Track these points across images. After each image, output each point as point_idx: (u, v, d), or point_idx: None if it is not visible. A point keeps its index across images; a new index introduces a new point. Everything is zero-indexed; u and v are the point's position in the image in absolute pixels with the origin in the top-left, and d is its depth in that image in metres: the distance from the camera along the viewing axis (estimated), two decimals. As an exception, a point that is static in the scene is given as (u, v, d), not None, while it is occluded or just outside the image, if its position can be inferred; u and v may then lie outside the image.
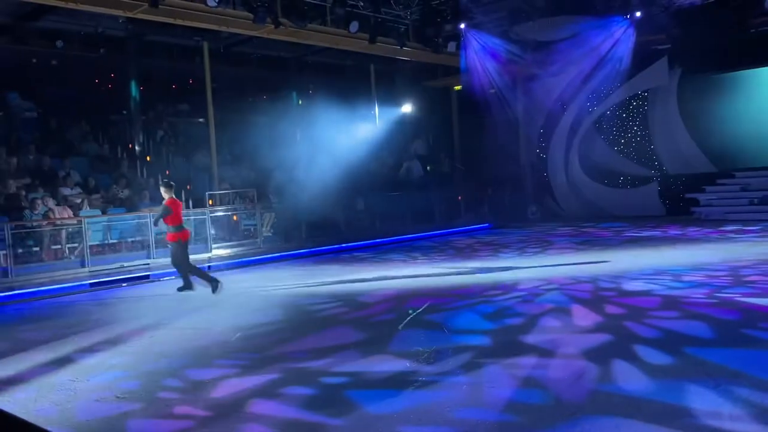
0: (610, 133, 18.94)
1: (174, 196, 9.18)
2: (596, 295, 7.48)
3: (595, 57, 17.63)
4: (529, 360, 5.00)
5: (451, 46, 17.15)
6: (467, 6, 16.05)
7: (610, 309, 6.67)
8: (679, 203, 17.31)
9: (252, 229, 14.44)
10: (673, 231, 14.16)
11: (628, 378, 4.43)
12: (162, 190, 9.20)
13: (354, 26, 14.90)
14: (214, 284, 8.90)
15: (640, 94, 18.41)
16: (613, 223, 16.52)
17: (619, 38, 16.93)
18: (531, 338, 5.67)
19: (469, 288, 8.52)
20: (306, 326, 6.90)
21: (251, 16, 13.26)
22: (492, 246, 13.55)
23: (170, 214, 8.93)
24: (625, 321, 6.09)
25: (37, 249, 11.34)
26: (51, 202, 12.18)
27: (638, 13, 16.06)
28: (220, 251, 13.26)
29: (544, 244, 13.27)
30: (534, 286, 8.20)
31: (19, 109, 15.43)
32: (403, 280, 9.64)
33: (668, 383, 4.28)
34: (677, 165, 17.73)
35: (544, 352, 5.21)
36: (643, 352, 5.01)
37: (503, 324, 6.35)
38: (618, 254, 11.01)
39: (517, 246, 13.18)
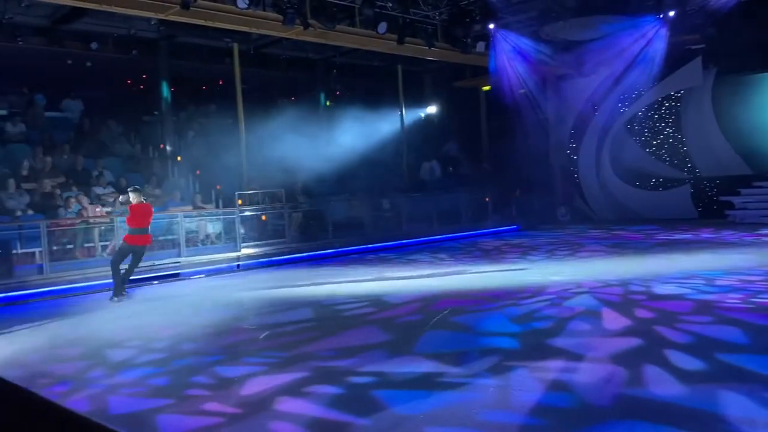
0: (642, 134, 18.65)
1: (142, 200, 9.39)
2: (626, 298, 7.38)
3: (627, 57, 17.37)
4: (557, 363, 4.94)
5: (480, 47, 17.05)
6: (496, 6, 15.94)
7: (641, 313, 6.57)
8: (713, 206, 16.98)
9: (280, 228, 14.55)
10: (706, 234, 13.89)
11: (659, 383, 4.36)
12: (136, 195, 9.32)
13: (382, 27, 14.91)
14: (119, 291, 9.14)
15: (673, 95, 18.10)
16: (644, 226, 16.28)
17: (651, 38, 16.67)
18: (559, 341, 5.61)
19: (496, 290, 8.46)
20: (333, 326, 6.93)
21: (281, 17, 13.36)
22: (520, 248, 13.44)
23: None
24: (655, 325, 5.99)
25: (70, 246, 11.57)
26: (85, 201, 12.44)
27: (671, 13, 15.80)
28: (248, 250, 13.38)
29: (574, 246, 13.12)
30: (563, 289, 8.12)
31: (42, 110, 15.83)
32: (429, 281, 9.63)
33: (700, 389, 4.20)
34: (711, 167, 17.38)
35: (573, 355, 5.15)
36: (675, 357, 4.92)
37: (531, 327, 6.29)
38: (649, 257, 10.85)
39: (546, 248, 13.05)
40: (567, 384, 4.44)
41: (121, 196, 10.07)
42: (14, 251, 10.82)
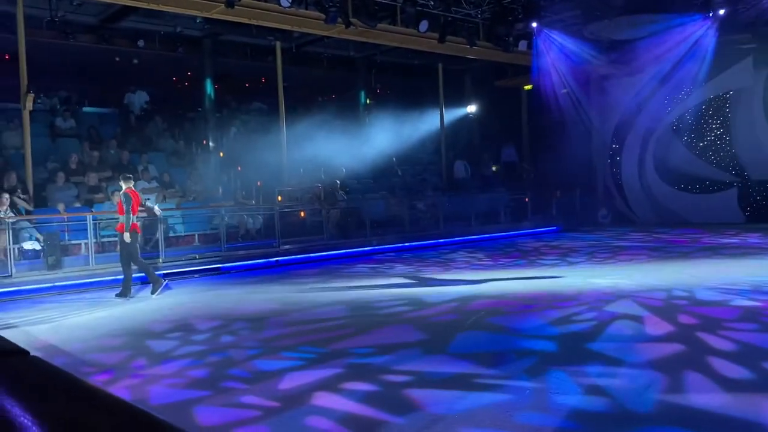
0: (688, 135, 18.18)
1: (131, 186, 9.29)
2: (668, 303, 7.21)
3: (674, 57, 16.96)
4: (596, 367, 4.86)
5: (522, 45, 16.86)
6: (540, 4, 15.73)
7: (683, 318, 6.41)
8: (761, 210, 16.46)
9: (318, 225, 14.66)
10: (753, 239, 13.48)
11: (700, 390, 4.25)
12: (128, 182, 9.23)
13: (424, 25, 14.88)
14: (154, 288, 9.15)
15: (722, 96, 17.59)
16: (688, 230, 15.89)
17: (699, 37, 16.24)
18: (598, 345, 5.52)
19: (533, 292, 8.37)
20: (368, 323, 6.94)
21: (323, 16, 13.46)
22: (560, 250, 13.27)
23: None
24: (698, 331, 5.85)
25: (115, 239, 11.87)
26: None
27: (721, 12, 15.33)
28: (287, 246, 13.52)
29: (615, 249, 12.89)
30: (603, 293, 7.98)
31: (82, 106, 16.36)
32: (465, 281, 9.58)
33: (744, 398, 4.09)
34: (760, 170, 16.81)
35: (612, 360, 5.06)
36: (718, 364, 4.79)
37: (569, 330, 6.20)
38: (693, 262, 10.59)
39: (587, 251, 12.85)
40: (605, 388, 4.37)
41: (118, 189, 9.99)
42: (62, 242, 11.18)
